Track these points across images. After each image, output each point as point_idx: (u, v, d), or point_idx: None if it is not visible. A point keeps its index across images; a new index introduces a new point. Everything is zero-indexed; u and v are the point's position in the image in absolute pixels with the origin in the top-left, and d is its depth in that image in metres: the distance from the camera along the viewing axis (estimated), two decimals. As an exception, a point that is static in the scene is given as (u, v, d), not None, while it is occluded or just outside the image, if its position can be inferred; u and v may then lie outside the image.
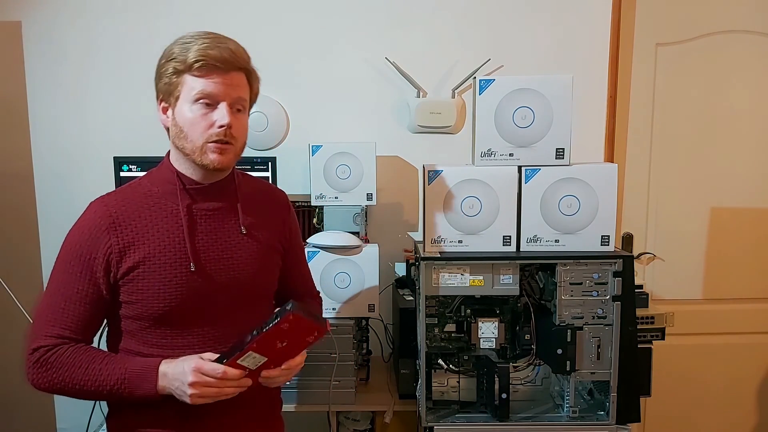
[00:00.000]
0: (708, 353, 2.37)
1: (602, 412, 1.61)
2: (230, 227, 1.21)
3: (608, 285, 1.55)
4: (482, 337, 1.64)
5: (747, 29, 2.24)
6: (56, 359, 1.11)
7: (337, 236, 1.82)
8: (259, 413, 1.26)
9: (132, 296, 1.13)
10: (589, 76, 2.20)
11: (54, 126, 2.22)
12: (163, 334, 1.15)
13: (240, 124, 1.16)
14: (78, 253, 1.13)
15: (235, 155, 1.17)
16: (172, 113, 1.15)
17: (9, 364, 2.31)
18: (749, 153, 2.30)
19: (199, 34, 1.13)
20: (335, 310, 1.83)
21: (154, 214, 1.15)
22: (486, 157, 1.58)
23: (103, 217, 1.14)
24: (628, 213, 2.30)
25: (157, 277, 1.13)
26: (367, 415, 1.93)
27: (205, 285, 1.16)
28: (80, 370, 1.10)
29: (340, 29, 2.19)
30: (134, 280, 1.13)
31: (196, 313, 1.16)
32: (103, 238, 1.12)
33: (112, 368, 1.10)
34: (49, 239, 2.26)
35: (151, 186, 1.19)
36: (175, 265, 1.14)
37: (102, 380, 1.10)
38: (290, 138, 2.04)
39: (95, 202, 1.19)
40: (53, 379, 1.11)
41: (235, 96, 1.14)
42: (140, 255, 1.12)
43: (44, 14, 2.17)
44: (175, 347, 1.15)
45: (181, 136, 1.14)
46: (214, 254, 1.18)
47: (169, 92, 1.14)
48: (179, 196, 1.17)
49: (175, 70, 1.12)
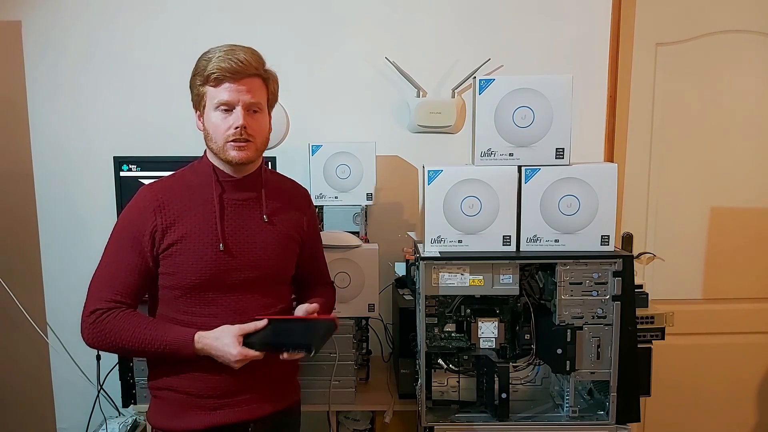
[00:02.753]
0: (708, 353, 2.37)
1: (602, 412, 1.61)
2: (255, 215, 1.39)
3: (608, 285, 1.55)
4: (482, 337, 1.64)
5: (747, 29, 2.24)
6: (110, 320, 1.28)
7: (337, 236, 1.82)
8: (277, 377, 1.43)
9: (170, 269, 1.32)
10: (589, 76, 2.21)
11: (54, 126, 2.22)
12: (191, 303, 1.33)
13: (257, 124, 1.33)
14: (128, 230, 1.32)
15: (256, 150, 1.34)
16: (203, 120, 1.34)
17: (9, 364, 2.32)
18: (749, 153, 2.30)
19: (218, 48, 1.30)
20: (335, 310, 1.82)
21: (193, 201, 1.34)
22: (486, 157, 1.58)
23: (150, 200, 1.33)
24: (628, 213, 2.30)
25: (192, 253, 1.31)
26: (367, 414, 1.93)
27: (230, 263, 1.34)
28: (129, 333, 1.28)
29: (340, 29, 2.19)
30: (173, 255, 1.31)
31: (221, 287, 1.34)
32: (149, 218, 1.31)
33: (156, 335, 1.28)
34: (49, 239, 2.26)
35: (192, 177, 1.38)
36: (207, 244, 1.32)
37: (148, 343, 1.28)
38: (290, 138, 2.04)
39: (145, 188, 1.38)
40: (106, 338, 1.28)
41: (249, 100, 1.30)
42: (179, 234, 1.31)
43: (44, 14, 2.17)
44: (202, 315, 1.33)
45: (209, 138, 1.34)
46: (240, 238, 1.36)
47: (198, 102, 1.34)
48: (214, 186, 1.35)
49: (200, 83, 1.31)
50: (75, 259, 2.23)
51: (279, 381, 1.43)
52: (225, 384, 1.34)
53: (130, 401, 1.87)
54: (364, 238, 1.92)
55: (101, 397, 2.05)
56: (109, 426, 2.01)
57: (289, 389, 1.49)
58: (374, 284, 1.83)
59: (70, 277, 2.21)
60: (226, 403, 1.35)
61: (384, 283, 2.08)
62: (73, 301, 1.36)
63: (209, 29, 2.15)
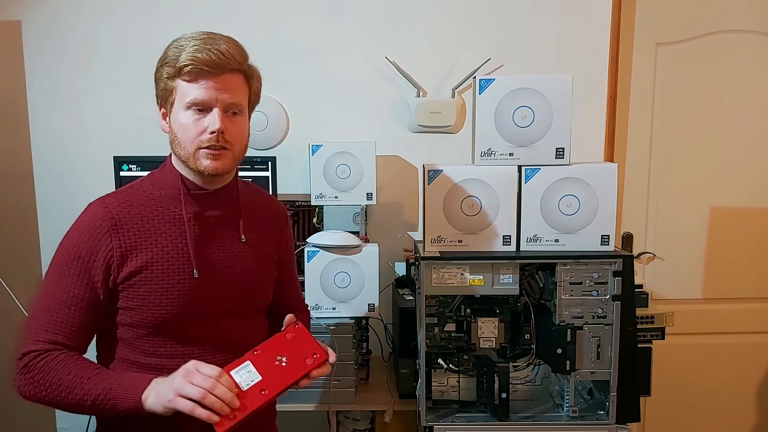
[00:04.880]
0: (708, 353, 2.37)
1: (602, 412, 1.61)
2: (231, 235, 1.20)
3: (608, 284, 1.55)
4: (482, 337, 1.64)
5: (747, 29, 2.24)
6: (44, 365, 1.05)
7: (337, 236, 1.82)
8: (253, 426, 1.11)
9: (132, 302, 1.10)
10: (589, 76, 2.20)
11: (54, 126, 2.22)
12: (161, 343, 1.12)
13: (236, 128, 1.13)
14: (76, 255, 1.09)
15: (233, 159, 1.14)
16: (169, 119, 1.13)
17: (9, 364, 2.32)
18: (749, 153, 2.30)
19: (193, 36, 1.10)
20: (335, 310, 1.83)
21: (157, 218, 1.13)
22: (486, 157, 1.58)
23: (104, 218, 1.10)
24: (628, 213, 2.30)
25: (160, 283, 1.10)
26: (367, 414, 1.93)
27: (206, 292, 1.14)
28: (66, 377, 1.04)
29: (340, 29, 2.19)
30: (135, 285, 1.09)
31: (196, 321, 1.14)
32: (104, 241, 1.09)
33: (100, 379, 1.05)
34: (49, 239, 2.26)
35: (154, 189, 1.17)
36: (178, 271, 1.11)
37: (87, 390, 1.04)
38: (290, 137, 2.04)
39: (95, 203, 1.15)
40: (39, 386, 1.05)
41: (229, 101, 1.10)
42: (143, 260, 1.10)
43: (44, 14, 2.17)
44: (173, 356, 1.11)
45: (176, 142, 1.12)
46: (216, 262, 1.16)
47: (165, 98, 1.12)
48: (183, 201, 1.15)
49: (169, 75, 1.10)
50: (75, 259, 2.22)
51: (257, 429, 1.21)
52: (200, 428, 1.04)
53: (130, 401, 1.87)
54: (364, 238, 1.92)
55: (101, 397, 2.05)
56: (109, 426, 2.01)
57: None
58: (374, 284, 1.82)
59: (70, 277, 2.20)
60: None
61: (384, 283, 2.08)
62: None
63: (209, 28, 2.13)
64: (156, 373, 1.07)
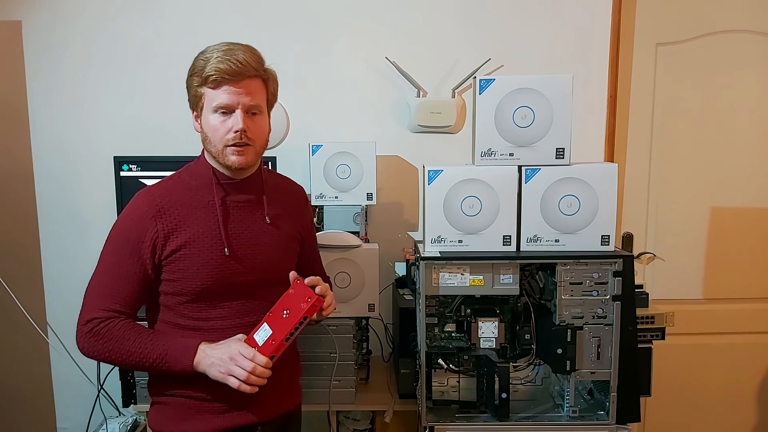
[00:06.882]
0: (708, 353, 2.37)
1: (602, 412, 1.61)
2: (257, 217, 1.38)
3: (608, 285, 1.55)
4: (482, 337, 1.64)
5: (747, 29, 2.24)
6: (108, 331, 1.25)
7: (337, 236, 1.82)
8: (281, 381, 1.38)
9: (173, 275, 1.29)
10: (589, 76, 2.21)
11: (54, 126, 2.22)
12: (198, 308, 1.31)
13: (257, 126, 1.31)
14: (127, 237, 1.28)
15: (256, 153, 1.32)
16: (200, 122, 1.31)
17: (9, 364, 2.32)
18: (749, 153, 2.30)
19: (216, 48, 1.26)
20: (335, 310, 1.82)
21: (194, 205, 1.32)
22: (486, 157, 1.58)
23: (150, 206, 1.29)
24: (628, 213, 2.30)
25: (196, 259, 1.29)
26: (367, 414, 1.93)
27: (235, 267, 1.32)
28: (128, 343, 1.25)
29: (340, 29, 2.19)
30: (176, 261, 1.28)
31: (227, 291, 1.32)
32: (149, 225, 1.28)
33: (156, 344, 1.26)
34: (49, 239, 2.26)
35: (190, 180, 1.35)
36: (212, 249, 1.30)
37: (146, 354, 1.26)
38: (290, 138, 2.04)
39: (142, 193, 1.34)
40: (103, 349, 1.26)
41: (249, 103, 1.27)
42: (182, 240, 1.28)
43: (44, 14, 2.17)
44: (209, 318, 1.32)
45: (207, 141, 1.31)
46: (244, 240, 1.34)
47: (195, 103, 1.31)
48: (215, 189, 1.33)
49: (197, 84, 1.28)
50: (75, 259, 2.22)
51: (284, 384, 1.42)
52: (233, 388, 1.28)
53: (131, 401, 1.87)
54: (365, 238, 1.92)
55: (101, 397, 2.05)
56: (109, 426, 2.01)
57: (293, 392, 1.49)
58: (374, 284, 1.83)
59: (70, 277, 2.20)
60: (235, 407, 1.33)
61: (384, 283, 2.08)
62: (73, 301, 1.35)
63: (209, 29, 2.15)
64: (193, 333, 1.30)
